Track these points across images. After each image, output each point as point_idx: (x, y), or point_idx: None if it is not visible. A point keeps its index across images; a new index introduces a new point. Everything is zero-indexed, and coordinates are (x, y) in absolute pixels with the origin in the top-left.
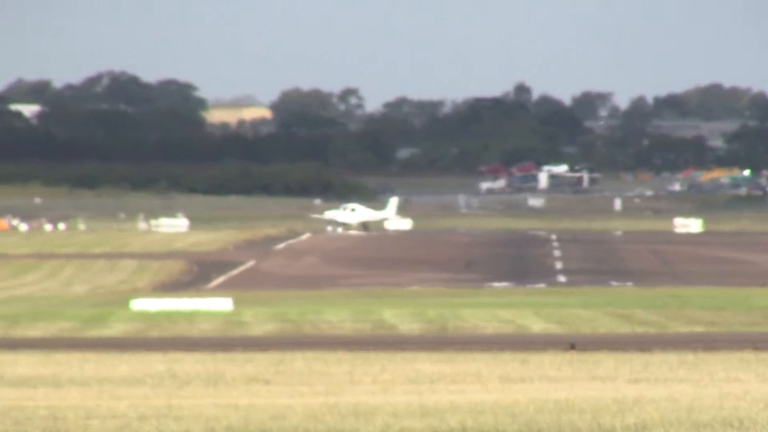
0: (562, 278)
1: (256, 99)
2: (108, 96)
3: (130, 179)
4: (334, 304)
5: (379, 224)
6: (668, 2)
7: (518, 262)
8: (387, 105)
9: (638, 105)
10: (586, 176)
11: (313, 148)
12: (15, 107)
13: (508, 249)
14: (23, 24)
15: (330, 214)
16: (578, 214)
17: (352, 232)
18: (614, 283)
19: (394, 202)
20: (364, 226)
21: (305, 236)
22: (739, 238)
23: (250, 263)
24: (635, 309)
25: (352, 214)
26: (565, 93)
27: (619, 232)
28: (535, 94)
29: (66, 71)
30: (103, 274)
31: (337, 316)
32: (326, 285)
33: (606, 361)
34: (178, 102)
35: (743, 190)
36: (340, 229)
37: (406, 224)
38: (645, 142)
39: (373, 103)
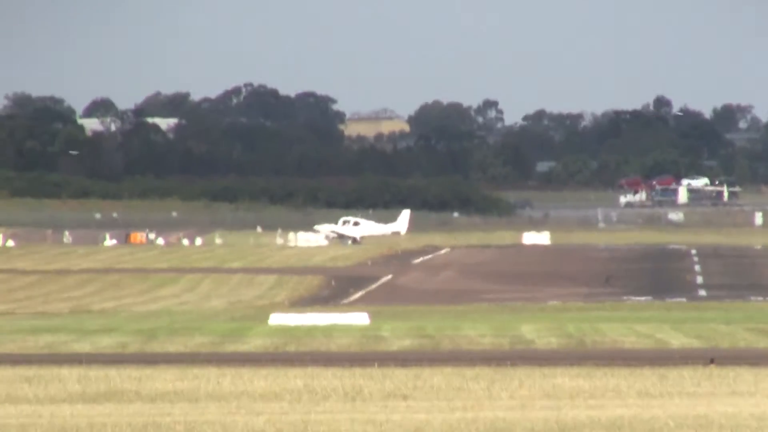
0: (702, 293)
1: (394, 112)
2: (246, 109)
3: (268, 193)
4: (472, 319)
5: (389, 238)
6: None
7: (658, 277)
8: (526, 118)
9: None
10: (725, 190)
11: (451, 162)
12: (152, 120)
13: (648, 263)
14: (160, 37)
15: (327, 228)
16: (718, 229)
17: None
18: (754, 298)
19: (405, 215)
20: (354, 239)
21: (444, 251)
22: None
23: (388, 278)
24: None
25: (355, 228)
26: (705, 105)
27: (759, 247)
28: (675, 107)
29: (203, 84)
30: (241, 289)
31: (476, 331)
32: (464, 300)
33: (746, 376)
34: (316, 115)
35: None
36: (349, 242)
37: (544, 238)
38: None
39: (513, 116)
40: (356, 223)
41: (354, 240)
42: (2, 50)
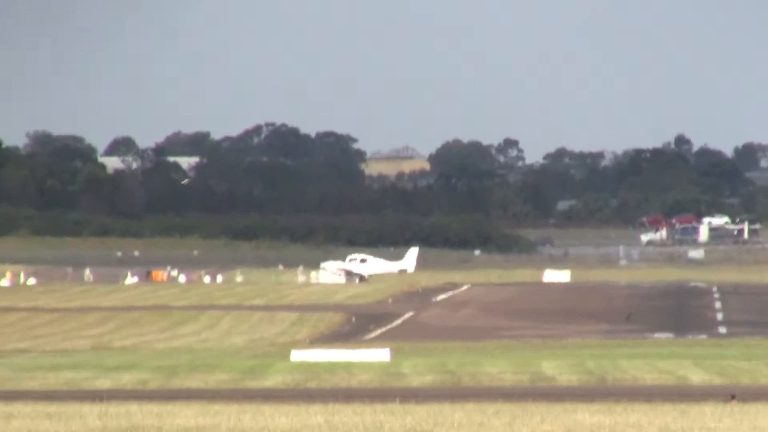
0: (722, 329)
1: (415, 151)
2: (266, 148)
3: (289, 231)
4: (493, 355)
5: (396, 275)
6: None
7: (679, 314)
8: (547, 156)
9: None
10: (746, 228)
11: (472, 200)
12: (173, 159)
13: (669, 300)
14: (181, 76)
15: (334, 265)
16: (739, 266)
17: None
18: None
19: (413, 253)
20: (360, 277)
21: (464, 287)
22: None
23: (409, 315)
24: None
25: (362, 265)
26: (725, 144)
27: None
28: (696, 146)
29: (224, 123)
30: (262, 326)
31: (497, 367)
32: (485, 336)
33: (767, 413)
34: (336, 154)
35: None
36: (356, 280)
37: (564, 276)
38: None
39: (533, 154)
40: (363, 261)
41: (361, 278)
42: (23, 89)
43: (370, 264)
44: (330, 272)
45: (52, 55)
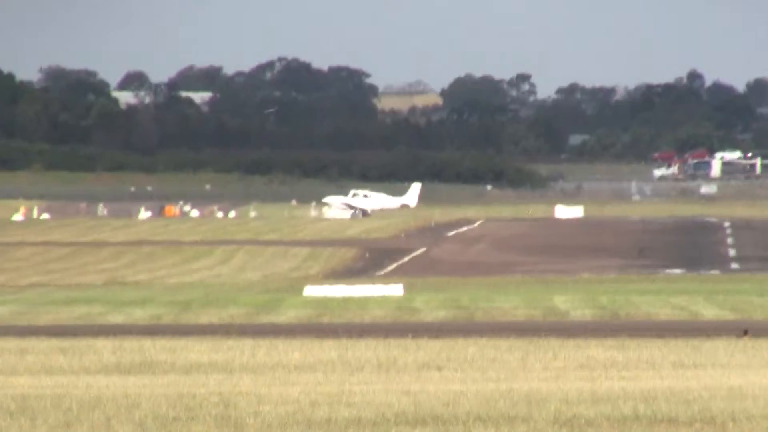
0: (735, 265)
1: (428, 86)
2: (279, 83)
3: (302, 166)
4: (505, 291)
5: (398, 211)
6: None
7: (691, 249)
8: (559, 91)
9: None
10: (758, 163)
11: (484, 136)
12: (186, 94)
13: (681, 236)
14: (194, 11)
15: (338, 200)
16: (751, 201)
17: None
18: None
19: (416, 188)
20: (363, 212)
21: (477, 223)
22: None
23: (421, 250)
24: None
25: (364, 200)
26: (737, 79)
27: None
28: (708, 81)
29: (237, 58)
30: (275, 261)
31: (509, 302)
32: (498, 271)
33: None
34: (349, 89)
35: None
36: (360, 215)
37: (577, 212)
38: None
39: (545, 89)
40: (365, 196)
41: (364, 212)
42: (36, 24)
43: (372, 199)
44: (334, 207)
45: None
